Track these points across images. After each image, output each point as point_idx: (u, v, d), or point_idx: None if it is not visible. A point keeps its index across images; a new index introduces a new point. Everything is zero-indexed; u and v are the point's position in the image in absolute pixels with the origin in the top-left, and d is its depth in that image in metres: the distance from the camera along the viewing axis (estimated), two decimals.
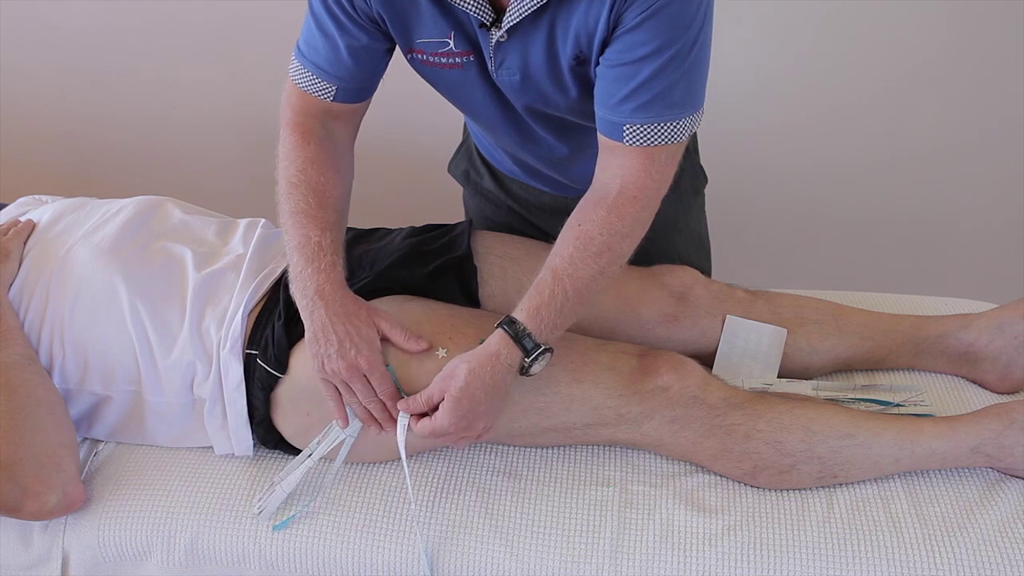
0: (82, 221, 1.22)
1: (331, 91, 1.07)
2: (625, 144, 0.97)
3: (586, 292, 0.98)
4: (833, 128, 1.97)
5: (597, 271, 0.98)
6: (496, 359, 0.96)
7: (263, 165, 2.23)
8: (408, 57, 1.05)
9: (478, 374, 0.95)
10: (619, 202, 0.98)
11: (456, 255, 1.19)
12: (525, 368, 0.97)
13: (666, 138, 0.96)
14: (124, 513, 1.07)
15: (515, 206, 1.35)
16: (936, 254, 2.12)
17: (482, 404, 0.96)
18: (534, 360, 0.97)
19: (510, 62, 0.99)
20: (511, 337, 0.96)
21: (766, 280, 1.44)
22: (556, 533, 1.03)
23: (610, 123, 0.97)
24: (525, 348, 0.96)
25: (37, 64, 2.10)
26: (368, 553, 1.03)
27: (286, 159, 1.09)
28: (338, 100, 1.08)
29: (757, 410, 1.06)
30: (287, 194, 1.06)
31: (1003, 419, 1.05)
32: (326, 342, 0.98)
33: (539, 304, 0.96)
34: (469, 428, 0.98)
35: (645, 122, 0.95)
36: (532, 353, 0.96)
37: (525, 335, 0.96)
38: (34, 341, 1.11)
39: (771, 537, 1.01)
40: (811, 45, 1.87)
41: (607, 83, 0.96)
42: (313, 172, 1.06)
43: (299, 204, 1.04)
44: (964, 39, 1.83)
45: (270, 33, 1.97)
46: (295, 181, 1.06)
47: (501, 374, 0.96)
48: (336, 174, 1.09)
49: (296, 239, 1.03)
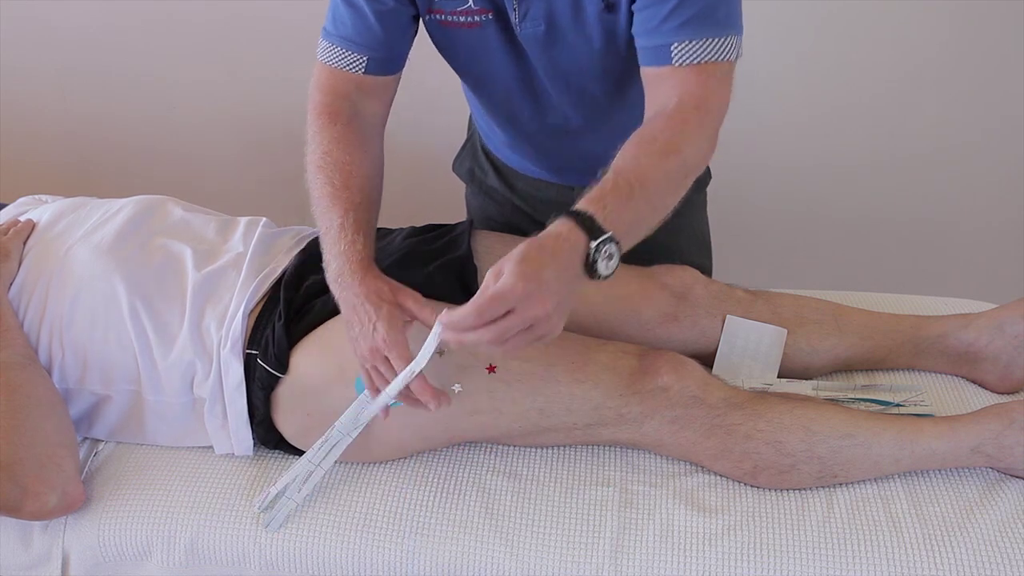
0: (82, 221, 1.22)
1: (362, 62, 1.06)
2: (675, 65, 0.93)
3: (654, 191, 0.88)
4: (833, 128, 1.97)
5: (664, 172, 0.89)
6: (558, 238, 0.81)
7: (263, 165, 2.23)
8: (426, 19, 1.04)
9: (540, 245, 0.80)
10: (680, 110, 0.92)
11: (456, 255, 1.19)
12: (591, 258, 0.81)
13: (716, 54, 0.93)
14: (124, 513, 1.07)
15: (520, 203, 1.35)
16: (936, 254, 2.12)
17: (549, 270, 0.79)
18: (599, 247, 0.81)
19: (535, 12, 0.97)
20: (571, 219, 0.82)
21: (766, 280, 1.44)
22: (556, 533, 1.03)
23: (655, 48, 0.94)
24: (588, 230, 0.81)
25: (37, 64, 2.10)
26: (368, 553, 1.03)
27: (312, 143, 1.07)
28: (369, 71, 1.07)
29: (757, 410, 1.06)
30: (313, 178, 1.05)
31: (1003, 419, 1.05)
32: (351, 326, 0.97)
33: (601, 194, 0.85)
34: (533, 297, 0.77)
35: (693, 38, 0.93)
36: (597, 237, 0.81)
37: (586, 217, 0.82)
38: (34, 341, 1.11)
39: (771, 537, 1.01)
40: (811, 45, 1.87)
41: (646, 11, 0.93)
42: (338, 152, 1.05)
43: (324, 187, 1.03)
44: (964, 39, 1.83)
45: (270, 33, 1.97)
46: (320, 164, 1.05)
47: (567, 253, 0.81)
48: (363, 153, 1.07)
49: (323, 225, 1.02)
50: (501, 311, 0.77)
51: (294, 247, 1.23)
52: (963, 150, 1.96)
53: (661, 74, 0.95)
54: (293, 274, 1.16)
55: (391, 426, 1.06)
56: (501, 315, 0.78)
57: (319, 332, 1.09)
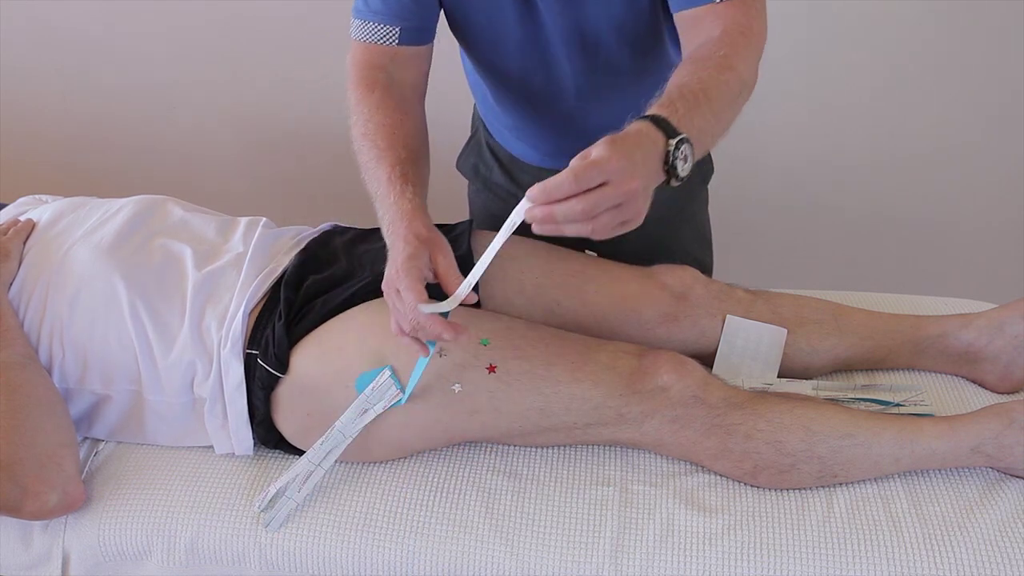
0: (82, 220, 1.22)
1: (395, 33, 1.08)
2: (715, 2, 0.96)
3: (716, 101, 0.89)
4: (833, 128, 1.97)
5: (723, 82, 0.90)
6: (638, 134, 0.80)
7: (263, 165, 2.23)
8: None
9: (625, 135, 0.79)
10: (727, 34, 0.95)
11: (457, 255, 1.19)
12: (670, 159, 0.81)
13: None
14: (124, 513, 1.07)
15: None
16: (936, 254, 2.13)
17: (638, 154, 0.78)
18: (678, 146, 0.81)
19: None
20: (649, 122, 0.82)
21: (766, 280, 1.44)
22: (556, 533, 1.03)
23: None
24: (665, 130, 0.81)
25: (37, 64, 2.10)
26: (368, 553, 1.03)
27: (354, 114, 1.09)
28: (403, 42, 1.09)
29: (757, 410, 1.06)
30: (359, 146, 1.06)
31: (1003, 419, 1.05)
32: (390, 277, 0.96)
33: (670, 100, 0.86)
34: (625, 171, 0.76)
35: None
36: (674, 136, 0.81)
37: (661, 120, 0.82)
38: (34, 340, 1.11)
39: (771, 537, 1.01)
40: (811, 45, 1.87)
41: None
42: (380, 116, 1.06)
43: (370, 151, 1.04)
44: (964, 39, 1.83)
45: (270, 33, 1.97)
46: (363, 131, 1.06)
47: (648, 145, 0.80)
48: (403, 115, 1.08)
49: (372, 187, 1.03)
50: (597, 180, 0.75)
51: (294, 247, 1.23)
52: (963, 150, 1.96)
53: (699, 14, 0.97)
54: (293, 274, 1.16)
55: (391, 426, 1.06)
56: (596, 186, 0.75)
57: (319, 332, 1.09)
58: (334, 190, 2.21)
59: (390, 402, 1.03)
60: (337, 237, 1.26)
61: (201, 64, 2.06)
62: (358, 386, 1.04)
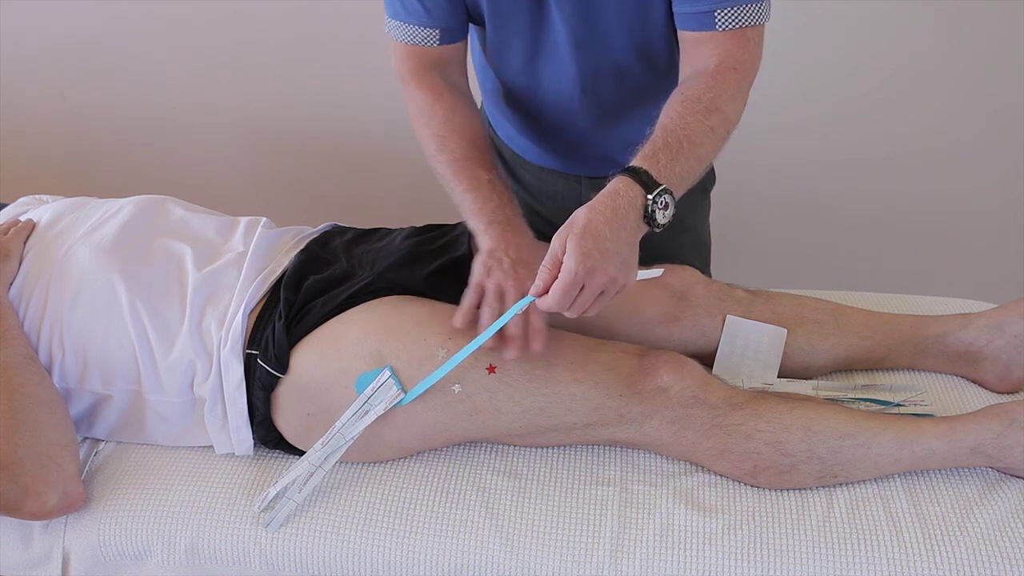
0: (82, 221, 1.22)
1: (436, 35, 1.12)
2: (718, 30, 1.00)
3: (700, 146, 0.96)
4: (833, 128, 1.97)
5: (708, 127, 0.97)
6: (615, 195, 0.91)
7: (263, 165, 2.23)
8: None
9: (598, 209, 0.90)
10: (720, 71, 1.00)
11: (456, 255, 1.19)
12: (648, 210, 0.92)
13: (755, 18, 1.00)
14: (124, 513, 1.07)
15: (526, 197, 1.36)
16: (936, 254, 2.13)
17: (607, 240, 0.89)
18: (656, 198, 0.91)
19: None
20: (628, 175, 0.92)
21: (766, 280, 1.44)
22: (556, 533, 1.03)
23: (698, 15, 1.00)
24: (645, 184, 0.92)
25: (37, 64, 2.10)
26: (368, 553, 1.03)
27: (424, 115, 1.14)
28: (443, 42, 1.13)
29: (757, 410, 1.06)
30: (440, 147, 1.11)
31: (1003, 419, 1.05)
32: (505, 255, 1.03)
33: (653, 150, 0.94)
34: (596, 271, 0.89)
35: (735, 4, 0.99)
36: (653, 190, 0.91)
37: (642, 172, 0.92)
38: (34, 340, 1.11)
39: (771, 536, 1.01)
40: (811, 45, 1.87)
41: None
42: (457, 120, 1.12)
43: (457, 152, 1.10)
44: (964, 39, 1.83)
45: (270, 33, 1.97)
46: (444, 132, 1.11)
47: (624, 209, 0.91)
48: (475, 116, 1.15)
49: (467, 181, 1.08)
50: (575, 293, 0.90)
51: (294, 247, 1.23)
52: (963, 150, 1.96)
53: (701, 38, 1.01)
54: (293, 274, 1.16)
55: (391, 427, 1.06)
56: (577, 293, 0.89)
57: (319, 332, 1.09)
58: (334, 190, 2.22)
59: (391, 403, 1.03)
60: (337, 237, 1.26)
61: (202, 64, 2.06)
62: (358, 386, 1.04)
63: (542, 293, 0.91)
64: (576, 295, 0.90)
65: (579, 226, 0.89)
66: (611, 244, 0.89)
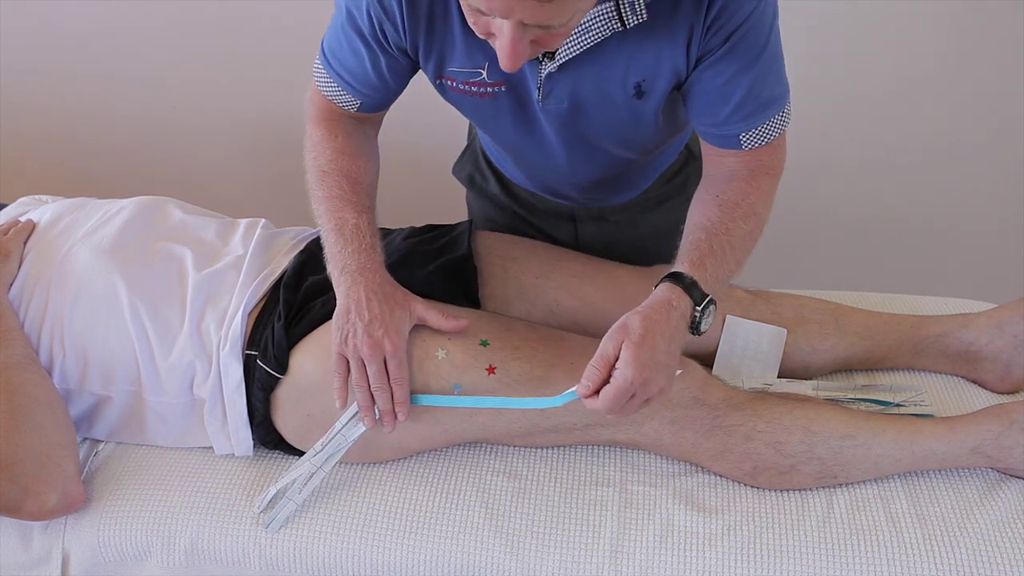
0: (82, 221, 1.22)
1: (356, 103, 1.09)
2: (745, 149, 1.00)
3: (740, 251, 0.99)
4: (833, 128, 1.97)
5: (746, 232, 0.99)
6: (669, 307, 0.92)
7: (263, 165, 2.22)
8: (436, 83, 1.05)
9: (655, 320, 0.90)
10: (754, 177, 1.01)
11: (457, 255, 1.19)
12: (696, 321, 0.93)
13: (779, 128, 1.00)
14: (124, 513, 1.07)
15: (520, 211, 1.35)
16: (936, 254, 2.12)
17: (661, 354, 0.90)
18: (704, 310, 0.93)
19: (559, 91, 0.99)
20: (680, 287, 0.93)
21: (766, 280, 1.44)
22: (556, 533, 1.03)
23: (723, 137, 1.00)
24: (694, 298, 0.93)
25: (37, 64, 2.10)
26: (368, 553, 1.03)
27: (315, 149, 1.10)
28: (363, 111, 1.10)
29: (757, 411, 1.06)
30: (319, 181, 1.07)
31: (1003, 420, 1.05)
32: (357, 316, 0.99)
33: (701, 256, 0.95)
34: (650, 382, 0.89)
35: (758, 125, 0.98)
36: (702, 303, 0.93)
37: (692, 285, 0.93)
38: (34, 341, 1.11)
39: (771, 537, 1.01)
40: (812, 45, 1.86)
41: (706, 104, 0.98)
42: (344, 161, 1.08)
43: (333, 190, 1.06)
44: (965, 40, 1.83)
45: (270, 33, 1.97)
46: (327, 169, 1.08)
47: (676, 322, 0.92)
48: (367, 162, 1.11)
49: (333, 222, 1.04)
50: (626, 400, 0.89)
51: (293, 248, 1.23)
52: (963, 150, 1.96)
53: (727, 153, 1.01)
54: (292, 275, 1.16)
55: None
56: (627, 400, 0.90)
57: (319, 333, 1.09)
58: None
59: None
60: None
61: (202, 64, 2.05)
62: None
63: (590, 394, 0.90)
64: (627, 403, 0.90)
65: (636, 335, 0.89)
66: (663, 356, 0.90)
